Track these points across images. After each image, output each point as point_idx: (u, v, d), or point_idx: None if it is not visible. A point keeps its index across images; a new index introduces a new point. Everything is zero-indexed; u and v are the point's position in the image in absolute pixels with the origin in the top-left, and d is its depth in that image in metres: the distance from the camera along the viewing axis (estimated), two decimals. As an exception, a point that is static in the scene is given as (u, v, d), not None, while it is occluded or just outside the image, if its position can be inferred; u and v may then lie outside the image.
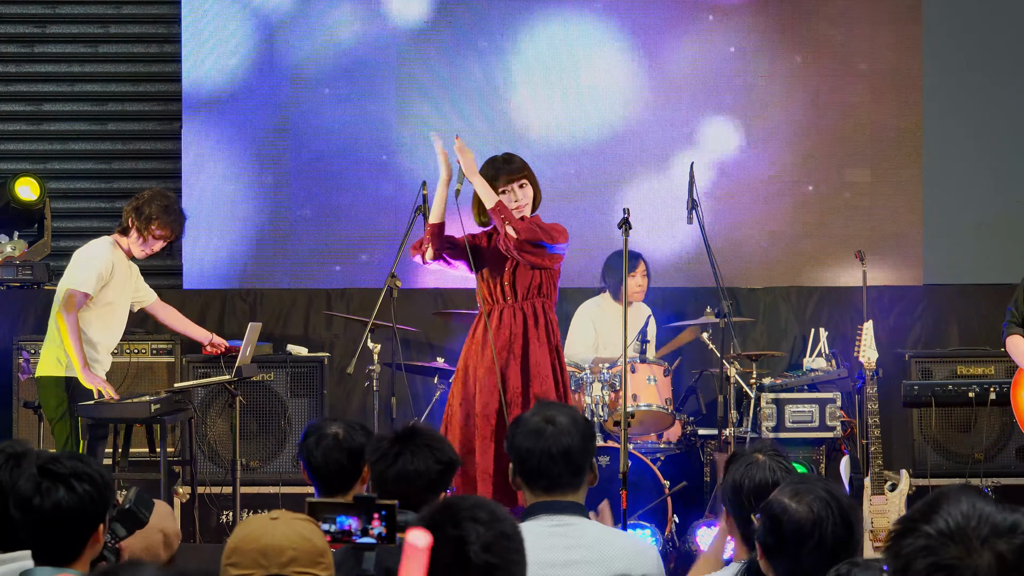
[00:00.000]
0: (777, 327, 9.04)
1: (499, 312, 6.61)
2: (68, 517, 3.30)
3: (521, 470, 3.85)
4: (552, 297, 6.72)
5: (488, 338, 6.53)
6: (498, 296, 6.63)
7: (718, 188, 9.16)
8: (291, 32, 9.32)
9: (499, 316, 6.61)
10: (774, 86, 9.38)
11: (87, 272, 7.09)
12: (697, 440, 8.24)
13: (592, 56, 9.39)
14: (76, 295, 7.05)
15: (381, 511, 3.12)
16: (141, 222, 7.17)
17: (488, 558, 2.70)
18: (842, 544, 3.30)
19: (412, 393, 8.41)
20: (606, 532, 3.90)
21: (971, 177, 9.42)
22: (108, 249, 7.20)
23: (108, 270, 7.14)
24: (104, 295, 7.15)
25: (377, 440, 3.98)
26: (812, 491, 3.32)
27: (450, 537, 2.70)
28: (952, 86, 9.39)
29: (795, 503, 3.30)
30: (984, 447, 8.45)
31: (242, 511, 7.79)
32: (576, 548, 3.76)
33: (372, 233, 9.24)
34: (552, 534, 3.75)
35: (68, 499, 3.30)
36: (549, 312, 6.69)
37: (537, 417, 3.85)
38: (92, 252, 7.19)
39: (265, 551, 2.94)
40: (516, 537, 2.78)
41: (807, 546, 3.27)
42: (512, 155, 6.74)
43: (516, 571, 2.75)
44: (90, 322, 7.12)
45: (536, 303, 6.62)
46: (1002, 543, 1.96)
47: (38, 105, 9.58)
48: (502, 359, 6.52)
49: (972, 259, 9.34)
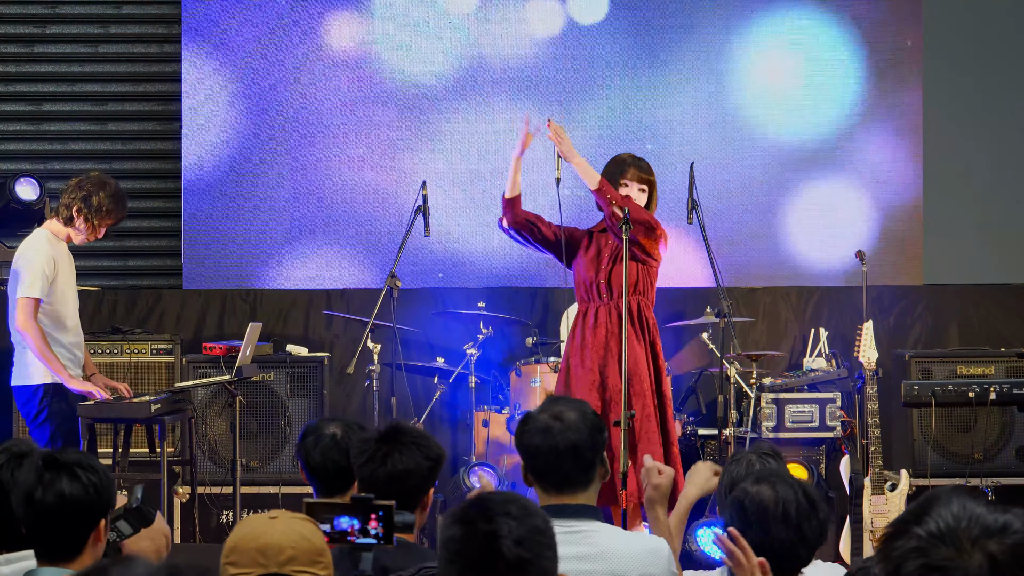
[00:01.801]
0: (777, 327, 9.04)
1: (595, 310, 6.63)
2: (71, 509, 3.29)
3: (531, 467, 3.80)
4: (649, 295, 6.73)
5: (588, 337, 6.55)
6: (594, 294, 6.64)
7: (719, 188, 9.14)
8: (291, 32, 9.31)
9: (595, 314, 6.63)
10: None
11: (32, 275, 6.91)
12: (697, 440, 8.24)
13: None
14: (30, 303, 6.89)
15: (379, 511, 3.12)
16: (91, 212, 7.00)
17: (521, 552, 2.69)
18: (806, 518, 3.42)
19: (412, 393, 8.41)
20: (617, 538, 3.83)
21: (971, 177, 9.41)
22: (46, 245, 7.01)
23: (51, 267, 6.96)
24: (52, 291, 6.98)
25: (361, 442, 3.94)
26: (775, 476, 3.48)
27: (482, 532, 2.68)
28: (952, 85, 9.38)
29: (757, 487, 3.45)
30: (984, 447, 8.45)
31: (242, 511, 7.79)
32: (586, 559, 3.70)
33: (372, 233, 9.24)
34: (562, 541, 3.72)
35: (71, 489, 3.29)
36: (646, 310, 6.71)
37: (545, 414, 3.80)
38: (31, 254, 6.99)
39: (264, 550, 2.94)
40: (548, 531, 2.77)
41: (772, 521, 3.40)
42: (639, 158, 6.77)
43: (548, 565, 2.74)
44: (46, 323, 6.96)
45: (632, 301, 6.61)
46: (993, 543, 1.96)
47: (38, 105, 9.58)
48: (600, 357, 6.54)
49: (972, 259, 9.34)
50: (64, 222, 7.05)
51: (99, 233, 7.09)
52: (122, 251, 9.56)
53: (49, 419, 6.92)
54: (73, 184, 7.08)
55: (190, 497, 7.94)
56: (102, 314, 8.93)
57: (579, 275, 6.74)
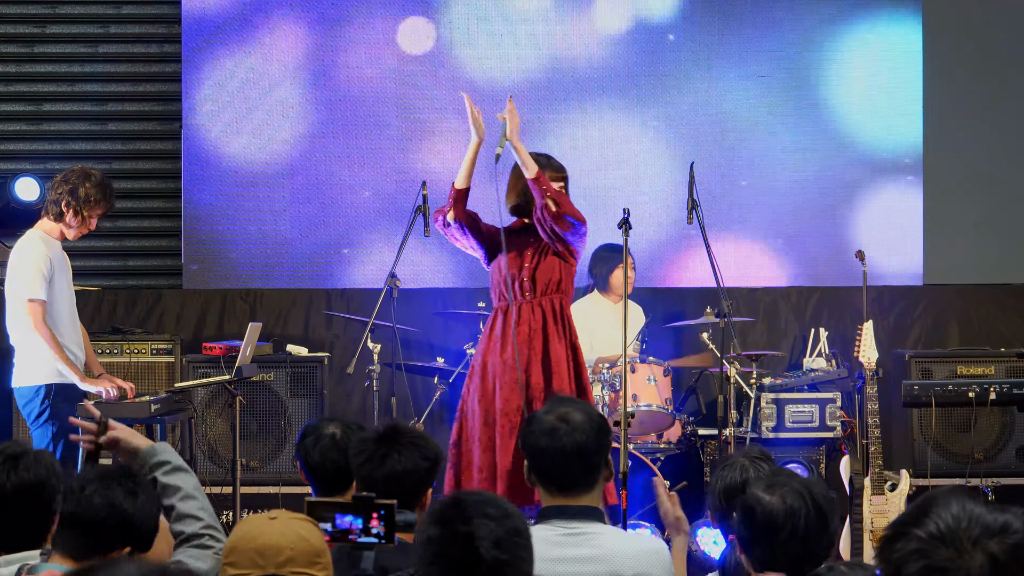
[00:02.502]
0: (777, 327, 9.04)
1: (517, 308, 6.59)
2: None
3: (536, 469, 3.78)
4: (569, 294, 6.70)
5: (511, 335, 6.51)
6: (516, 292, 6.60)
7: (719, 187, 9.15)
8: (291, 31, 9.31)
9: (517, 312, 6.59)
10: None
11: (32, 277, 6.89)
12: (697, 440, 8.24)
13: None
14: (36, 307, 6.88)
15: (380, 511, 3.12)
16: (80, 204, 6.97)
17: (498, 554, 2.70)
18: (815, 535, 3.33)
19: (412, 393, 8.42)
20: (619, 540, 3.82)
21: (971, 177, 9.41)
22: (40, 245, 6.99)
23: (47, 266, 6.93)
24: (49, 290, 6.96)
25: (360, 443, 3.94)
26: (786, 484, 3.37)
27: (460, 534, 2.69)
28: (952, 85, 9.38)
29: (768, 495, 3.35)
30: (984, 447, 8.45)
31: (242, 511, 7.79)
32: (588, 560, 3.69)
33: (372, 233, 9.24)
34: (563, 543, 3.70)
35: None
36: (566, 308, 6.67)
37: (551, 415, 3.77)
38: (26, 256, 6.97)
39: (262, 551, 2.94)
40: (525, 533, 2.78)
41: (780, 536, 3.32)
42: (552, 156, 6.75)
43: (525, 567, 2.75)
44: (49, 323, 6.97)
45: (555, 299, 6.59)
46: (993, 544, 1.96)
47: (38, 105, 9.58)
48: (523, 356, 6.50)
49: (972, 259, 9.34)
50: (55, 219, 7.03)
51: (91, 225, 7.07)
52: (122, 251, 9.56)
53: (50, 419, 6.91)
54: (58, 180, 7.07)
55: (190, 497, 7.93)
56: (102, 314, 8.93)
57: (498, 273, 6.68)
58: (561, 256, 6.59)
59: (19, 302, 6.94)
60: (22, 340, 6.98)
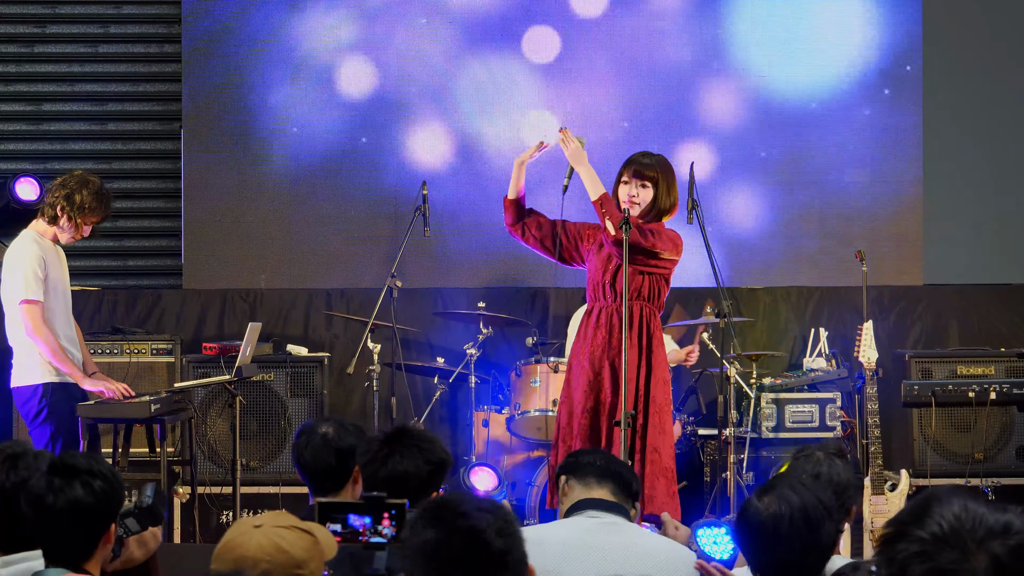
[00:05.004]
0: (777, 327, 9.03)
1: (598, 311, 6.59)
2: (83, 515, 3.29)
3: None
4: (656, 302, 6.62)
5: (589, 335, 6.52)
6: (599, 295, 6.60)
7: (719, 187, 9.14)
8: (290, 31, 9.31)
9: (598, 315, 6.59)
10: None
11: (27, 278, 6.88)
12: (697, 440, 8.24)
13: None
14: (34, 309, 6.88)
15: (391, 510, 3.10)
16: (74, 211, 6.96)
17: (503, 543, 2.70)
18: (803, 541, 3.35)
19: (412, 393, 8.41)
20: (647, 536, 3.89)
21: (971, 177, 9.41)
22: (32, 245, 6.97)
23: (41, 267, 6.93)
24: (44, 288, 6.95)
25: (368, 442, 3.96)
26: (777, 488, 3.41)
27: (462, 529, 2.68)
28: (952, 85, 9.38)
29: (757, 500, 3.40)
30: (984, 447, 8.44)
31: (242, 511, 7.78)
32: (619, 548, 3.80)
33: (372, 233, 9.23)
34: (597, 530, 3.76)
35: (84, 496, 3.29)
36: (649, 318, 6.58)
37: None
38: (20, 259, 6.96)
39: (239, 562, 2.92)
40: (517, 521, 2.80)
41: (766, 540, 3.36)
42: (653, 154, 6.69)
43: (521, 556, 2.76)
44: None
45: (634, 306, 6.53)
46: (997, 544, 1.95)
47: (38, 105, 9.58)
48: (597, 360, 6.50)
49: (972, 259, 9.33)
50: (49, 221, 7.03)
51: (84, 232, 7.06)
52: (122, 251, 9.56)
53: (49, 419, 6.90)
54: (57, 183, 7.08)
55: (190, 497, 7.93)
56: (102, 314, 8.92)
57: (589, 274, 6.69)
58: (641, 268, 6.51)
59: (14, 305, 6.94)
60: (19, 341, 6.98)
